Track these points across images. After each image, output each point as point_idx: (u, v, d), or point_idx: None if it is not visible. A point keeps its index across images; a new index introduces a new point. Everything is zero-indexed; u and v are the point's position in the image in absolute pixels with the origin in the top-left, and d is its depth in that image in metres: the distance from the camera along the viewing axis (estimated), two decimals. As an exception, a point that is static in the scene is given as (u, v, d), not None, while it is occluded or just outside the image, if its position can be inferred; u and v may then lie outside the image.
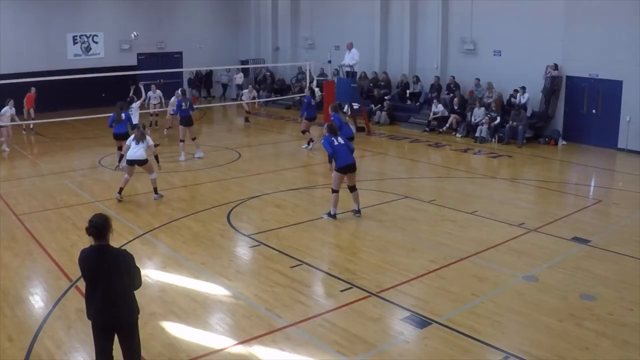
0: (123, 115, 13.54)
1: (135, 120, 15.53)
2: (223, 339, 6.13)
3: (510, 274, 7.70)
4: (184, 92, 16.28)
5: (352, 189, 9.94)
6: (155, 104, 20.09)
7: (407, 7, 21.12)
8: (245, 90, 22.58)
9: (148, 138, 11.15)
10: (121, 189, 11.17)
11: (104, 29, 24.60)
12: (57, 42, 23.37)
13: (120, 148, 13.39)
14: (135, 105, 16.76)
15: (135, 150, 10.94)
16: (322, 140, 9.94)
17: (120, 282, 4.58)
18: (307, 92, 17.23)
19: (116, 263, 4.59)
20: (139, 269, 4.78)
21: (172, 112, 17.16)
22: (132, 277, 4.68)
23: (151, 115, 20.17)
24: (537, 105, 17.35)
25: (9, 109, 16.37)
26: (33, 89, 17.44)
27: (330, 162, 9.81)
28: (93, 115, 17.86)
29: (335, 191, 9.82)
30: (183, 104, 14.86)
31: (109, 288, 4.54)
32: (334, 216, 9.94)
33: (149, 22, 25.52)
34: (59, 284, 7.47)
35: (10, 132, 16.63)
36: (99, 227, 4.53)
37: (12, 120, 16.72)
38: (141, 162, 11.04)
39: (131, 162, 11.03)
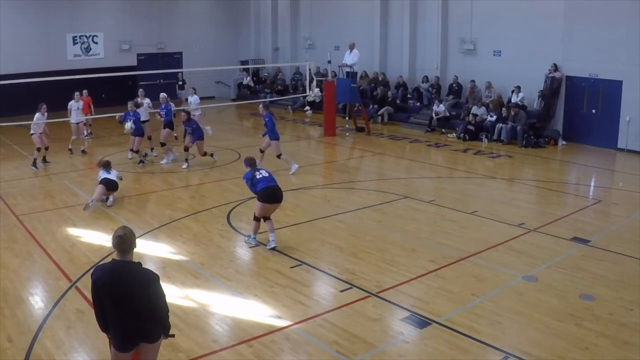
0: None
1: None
2: (223, 339, 6.14)
3: (509, 274, 7.70)
4: (165, 99, 15.46)
5: (267, 218, 8.71)
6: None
7: (407, 7, 21.13)
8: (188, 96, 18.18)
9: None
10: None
11: (103, 29, 24.57)
12: (57, 42, 23.33)
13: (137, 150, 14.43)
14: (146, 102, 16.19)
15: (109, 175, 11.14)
16: (244, 177, 8.82)
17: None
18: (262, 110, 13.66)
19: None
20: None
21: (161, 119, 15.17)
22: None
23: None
24: (537, 105, 17.34)
25: None
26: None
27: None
28: (93, 116, 17.88)
29: (257, 219, 8.69)
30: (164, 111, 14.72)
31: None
32: (254, 240, 8.84)
33: (149, 23, 25.51)
34: (58, 285, 7.46)
35: None
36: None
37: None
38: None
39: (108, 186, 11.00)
